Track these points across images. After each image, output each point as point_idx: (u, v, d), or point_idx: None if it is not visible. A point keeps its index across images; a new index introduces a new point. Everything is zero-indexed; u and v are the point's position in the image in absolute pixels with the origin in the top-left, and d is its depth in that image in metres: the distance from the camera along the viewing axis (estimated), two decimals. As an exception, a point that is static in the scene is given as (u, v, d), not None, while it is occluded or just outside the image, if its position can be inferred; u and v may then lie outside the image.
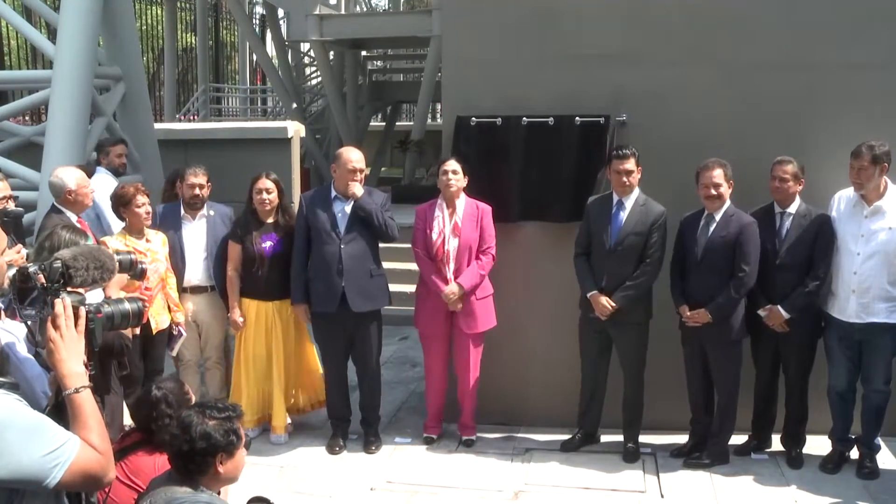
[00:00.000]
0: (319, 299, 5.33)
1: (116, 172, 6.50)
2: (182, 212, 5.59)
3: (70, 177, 5.11)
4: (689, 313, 4.98)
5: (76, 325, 2.14)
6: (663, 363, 5.26)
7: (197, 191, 5.52)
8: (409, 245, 5.52)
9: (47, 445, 1.93)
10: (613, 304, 5.02)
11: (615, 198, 5.13)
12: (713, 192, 4.89)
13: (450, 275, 5.27)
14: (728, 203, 4.96)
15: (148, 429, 3.18)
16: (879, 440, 5.10)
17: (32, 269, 2.23)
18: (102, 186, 5.82)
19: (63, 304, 2.13)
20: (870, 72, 5.20)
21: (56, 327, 2.10)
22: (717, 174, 4.88)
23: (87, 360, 2.17)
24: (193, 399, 3.00)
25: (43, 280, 2.20)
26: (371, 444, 5.50)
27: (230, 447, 2.55)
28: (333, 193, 5.33)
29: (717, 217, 4.95)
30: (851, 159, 4.78)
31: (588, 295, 5.11)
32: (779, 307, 4.91)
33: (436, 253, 5.30)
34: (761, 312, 4.98)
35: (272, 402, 5.56)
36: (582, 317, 5.30)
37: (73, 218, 5.06)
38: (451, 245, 5.27)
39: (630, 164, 5.00)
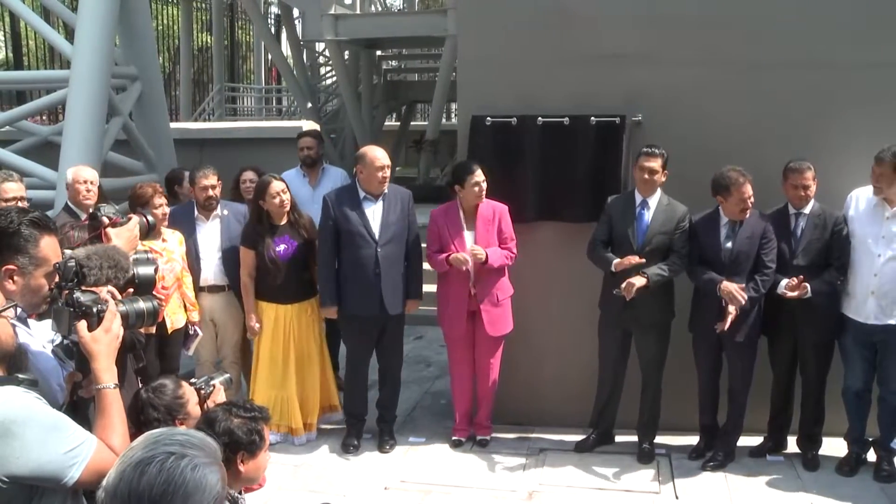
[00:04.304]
0: (355, 302, 5.31)
1: (304, 164, 6.51)
2: (196, 213, 5.60)
3: (70, 171, 5.14)
4: (724, 326, 4.85)
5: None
6: (679, 364, 5.23)
7: (210, 192, 5.52)
8: (424, 245, 5.52)
9: (67, 444, 1.95)
10: (643, 281, 4.89)
11: (638, 197, 5.11)
12: (751, 202, 4.88)
13: (471, 282, 5.28)
14: None
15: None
16: (896, 443, 5.07)
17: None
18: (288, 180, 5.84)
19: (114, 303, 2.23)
20: (888, 70, 5.16)
21: (104, 324, 2.21)
22: (749, 189, 4.84)
23: None
24: (190, 402, 2.94)
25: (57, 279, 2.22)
26: (385, 444, 5.51)
27: (252, 447, 2.58)
28: (362, 194, 5.32)
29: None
30: (875, 164, 4.74)
31: (614, 263, 4.98)
32: (806, 284, 4.82)
33: None
34: (781, 285, 4.85)
35: (289, 407, 5.53)
36: (602, 317, 5.28)
37: (83, 217, 5.06)
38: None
39: (654, 163, 4.99)
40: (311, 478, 5.12)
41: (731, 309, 4.82)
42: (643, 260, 4.95)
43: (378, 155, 5.27)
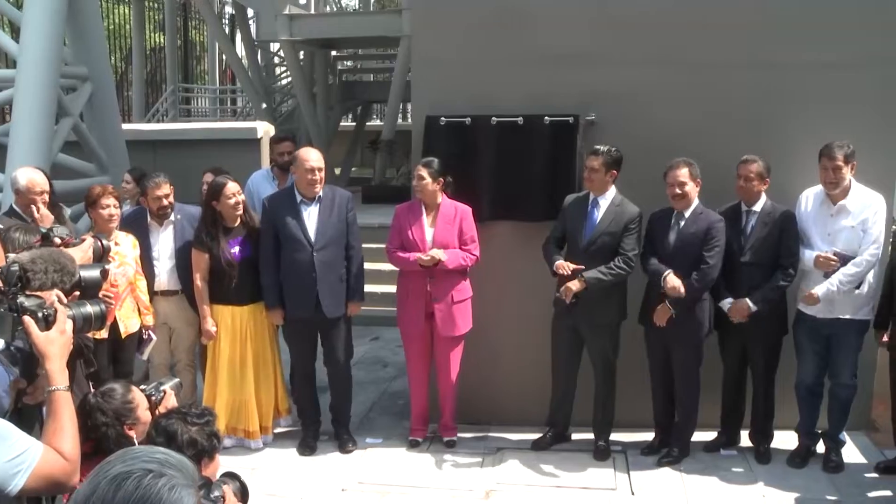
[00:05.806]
0: (293, 304, 5.30)
1: (281, 168, 6.32)
2: (148, 219, 5.50)
3: (23, 178, 5.01)
4: (659, 321, 4.99)
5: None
6: (634, 362, 5.28)
7: (164, 202, 5.43)
8: (380, 245, 5.50)
9: (10, 452, 1.91)
10: (578, 286, 4.97)
11: (591, 196, 5.16)
12: (678, 191, 4.94)
13: (429, 277, 5.27)
14: (697, 202, 5.00)
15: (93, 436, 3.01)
16: (844, 434, 5.18)
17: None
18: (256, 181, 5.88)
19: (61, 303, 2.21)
20: (837, 71, 5.25)
21: (58, 326, 2.18)
22: (683, 173, 4.92)
23: None
24: (139, 406, 2.88)
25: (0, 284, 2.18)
26: (346, 444, 5.49)
27: (213, 451, 2.57)
28: (299, 197, 5.29)
29: (686, 215, 4.99)
30: (824, 160, 4.81)
31: (555, 264, 5.06)
32: (746, 300, 4.94)
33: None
34: (724, 304, 5.01)
35: (247, 410, 5.47)
36: (555, 315, 5.32)
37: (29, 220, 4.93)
38: (429, 248, 5.25)
39: (594, 162, 5.04)
40: (268, 480, 5.07)
41: (661, 307, 4.96)
42: (582, 266, 4.99)
43: (308, 156, 5.25)
